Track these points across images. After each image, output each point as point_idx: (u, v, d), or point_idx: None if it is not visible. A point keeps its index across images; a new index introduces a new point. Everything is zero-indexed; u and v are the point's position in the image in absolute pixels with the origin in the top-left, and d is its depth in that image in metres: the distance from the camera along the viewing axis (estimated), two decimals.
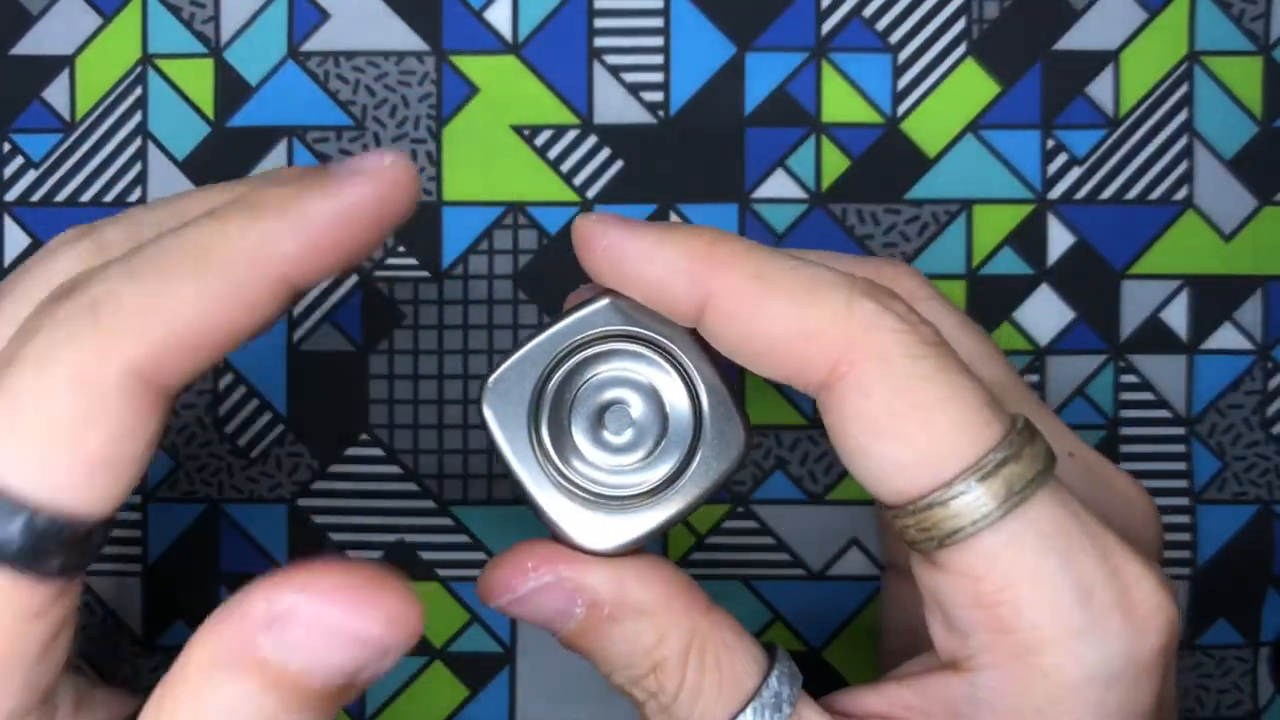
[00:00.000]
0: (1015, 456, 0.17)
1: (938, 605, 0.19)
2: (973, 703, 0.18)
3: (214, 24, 0.29)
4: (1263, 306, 0.29)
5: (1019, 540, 0.17)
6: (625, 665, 0.20)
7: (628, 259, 0.19)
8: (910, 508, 0.18)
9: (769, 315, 0.18)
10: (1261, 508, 0.29)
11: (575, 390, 0.20)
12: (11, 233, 0.29)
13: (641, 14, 0.29)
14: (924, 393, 0.18)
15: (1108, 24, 0.29)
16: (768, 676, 0.19)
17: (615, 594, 0.19)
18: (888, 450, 0.18)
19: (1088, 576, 0.18)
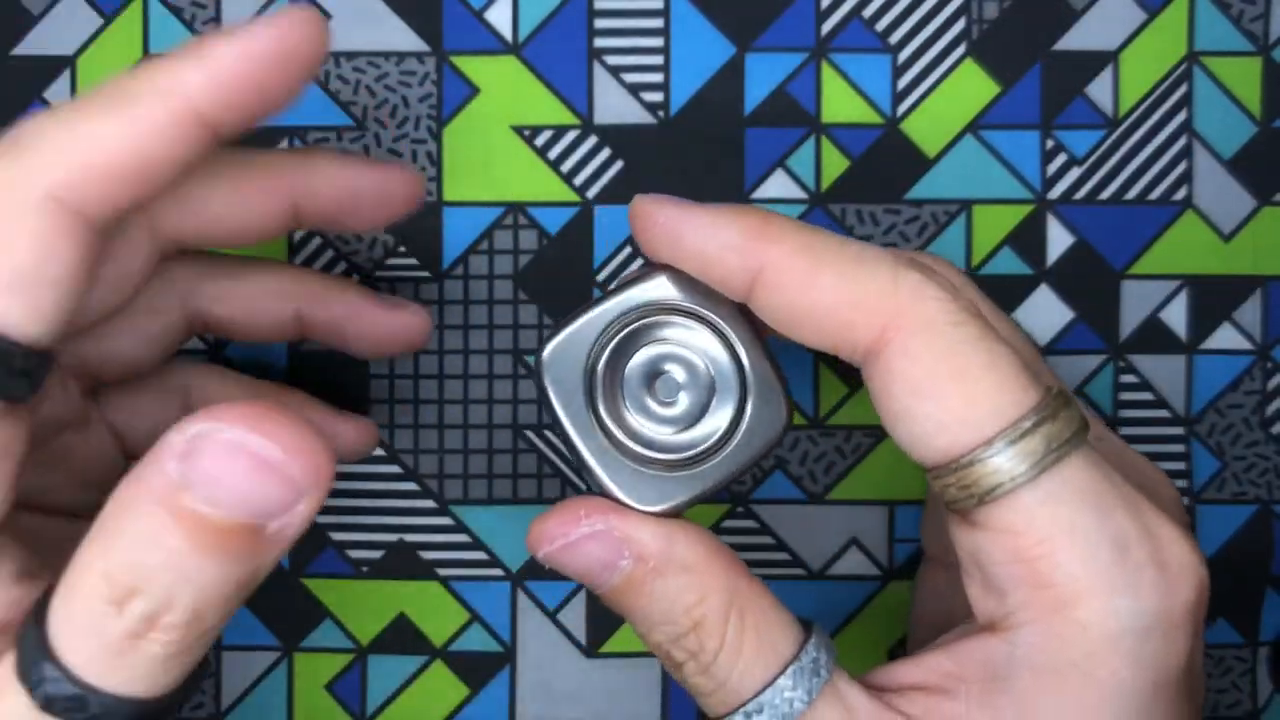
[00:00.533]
0: (1052, 418, 0.18)
1: (976, 565, 0.19)
2: (1010, 661, 0.19)
3: (215, 24, 0.29)
4: (1262, 306, 0.29)
5: (1056, 496, 0.18)
6: (666, 621, 0.20)
7: (686, 234, 0.20)
8: (952, 465, 0.18)
9: (819, 286, 0.19)
10: (1261, 508, 0.29)
11: (628, 359, 0.21)
12: None
13: (641, 14, 0.29)
14: (966, 357, 0.18)
15: (1107, 24, 0.29)
16: (805, 643, 0.20)
17: (662, 548, 0.20)
18: (931, 411, 0.19)
19: (1123, 532, 0.18)
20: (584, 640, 0.29)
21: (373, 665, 0.29)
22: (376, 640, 0.29)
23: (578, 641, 0.29)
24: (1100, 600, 0.18)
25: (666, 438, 0.21)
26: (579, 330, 0.20)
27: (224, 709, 0.29)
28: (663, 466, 0.21)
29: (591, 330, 0.20)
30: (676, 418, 0.21)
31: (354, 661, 0.29)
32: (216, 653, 0.29)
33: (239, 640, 0.29)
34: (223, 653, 0.29)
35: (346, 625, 0.29)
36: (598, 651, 0.29)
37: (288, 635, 0.29)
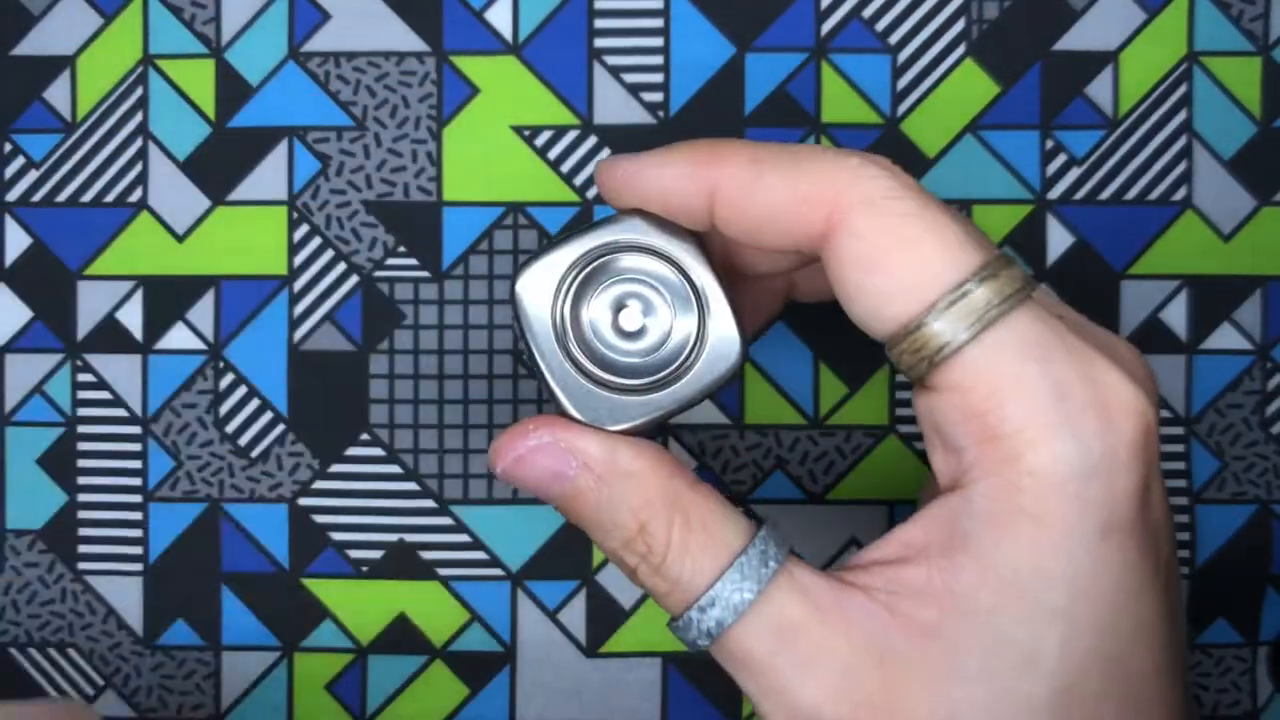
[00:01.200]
0: (993, 277, 0.19)
1: (935, 430, 0.20)
2: (970, 516, 0.19)
3: (215, 24, 0.29)
4: (1262, 306, 0.29)
5: (999, 349, 0.19)
6: (615, 526, 0.21)
7: (642, 174, 0.21)
8: (902, 333, 0.19)
9: (766, 188, 0.20)
10: (1260, 507, 0.29)
11: (596, 289, 0.22)
12: (13, 233, 0.29)
13: (641, 14, 0.29)
14: (908, 228, 0.19)
15: (1107, 24, 0.29)
16: (754, 537, 0.21)
17: (606, 456, 0.21)
18: (879, 283, 0.19)
19: (1064, 378, 0.19)
20: (584, 640, 0.29)
21: (373, 665, 0.29)
22: (376, 640, 0.29)
23: (578, 641, 0.29)
24: (1044, 447, 0.19)
25: (627, 361, 0.22)
26: (552, 260, 0.22)
27: (224, 709, 0.29)
28: (622, 391, 0.22)
29: (563, 261, 0.22)
30: (638, 348, 0.22)
31: (354, 661, 0.29)
32: (216, 653, 0.29)
33: (239, 640, 0.29)
34: (223, 653, 0.29)
35: (346, 625, 0.29)
36: (598, 651, 0.29)
37: (288, 635, 0.29)
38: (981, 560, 0.19)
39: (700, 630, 0.20)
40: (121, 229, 0.29)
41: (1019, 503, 0.19)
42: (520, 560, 0.29)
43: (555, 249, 0.22)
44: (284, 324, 0.29)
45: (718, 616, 0.20)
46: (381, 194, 0.29)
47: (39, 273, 0.29)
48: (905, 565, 0.20)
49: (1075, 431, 0.19)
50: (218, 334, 0.29)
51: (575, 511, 0.22)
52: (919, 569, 0.20)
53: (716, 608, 0.20)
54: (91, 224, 0.29)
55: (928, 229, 0.19)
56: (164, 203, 0.29)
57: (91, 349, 0.29)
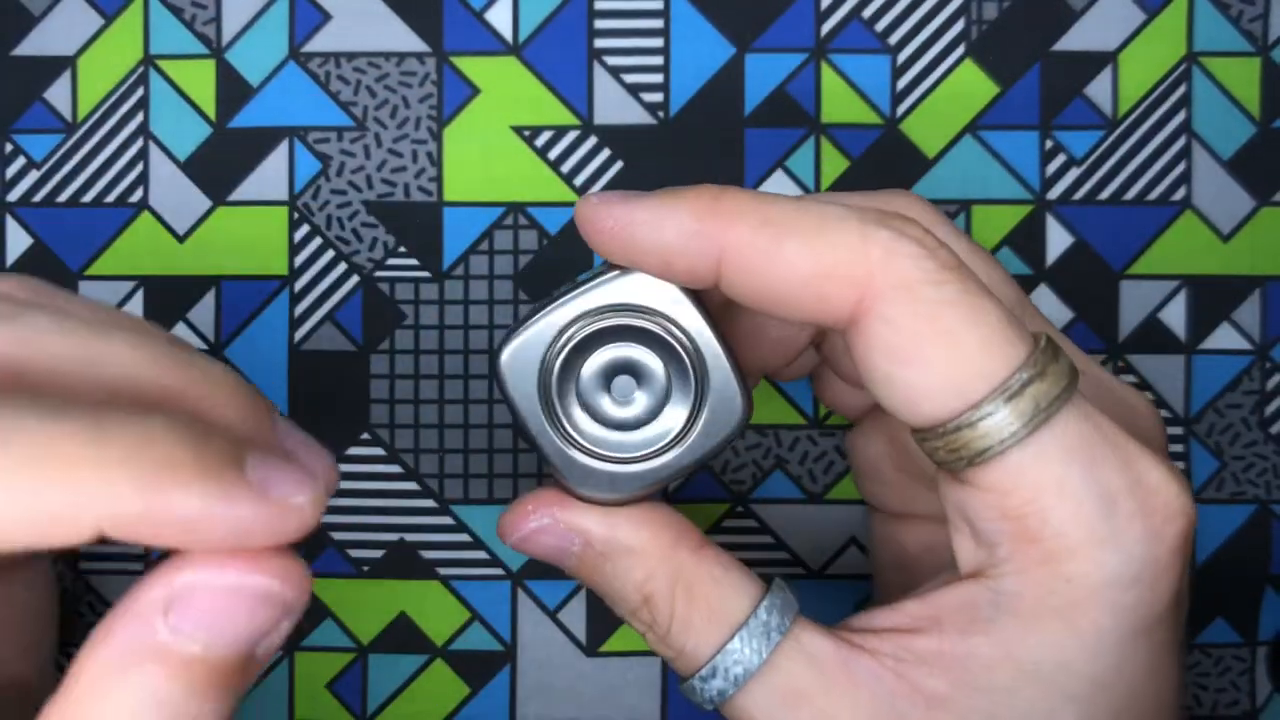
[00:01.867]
0: (1040, 375, 0.18)
1: (964, 520, 0.19)
2: (994, 606, 0.19)
3: (215, 25, 0.29)
4: (1261, 307, 0.29)
5: (1045, 455, 0.18)
6: (620, 598, 0.21)
7: (637, 233, 0.19)
8: (939, 430, 0.18)
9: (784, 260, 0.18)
10: (1259, 507, 0.29)
11: (584, 359, 0.21)
12: (14, 233, 0.29)
13: (641, 14, 0.29)
14: (948, 317, 0.18)
15: (1106, 25, 0.29)
16: (757, 608, 0.20)
17: (606, 534, 0.21)
18: (915, 377, 0.18)
19: (1111, 485, 0.18)
20: (584, 640, 0.29)
21: (373, 664, 0.29)
22: (377, 640, 0.29)
23: (578, 641, 0.29)
24: (1087, 555, 0.18)
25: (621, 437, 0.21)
26: (537, 332, 0.20)
27: None
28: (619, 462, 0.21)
29: (547, 332, 0.20)
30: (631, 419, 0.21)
31: (354, 661, 0.29)
32: None
33: None
34: None
35: (347, 625, 0.29)
36: (598, 651, 0.29)
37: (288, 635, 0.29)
38: (1003, 647, 0.19)
39: (703, 698, 0.21)
40: (122, 229, 0.29)
41: (1051, 603, 0.18)
42: (520, 560, 0.29)
43: (536, 318, 0.20)
44: (284, 324, 0.29)
45: (719, 687, 0.20)
46: (382, 194, 0.29)
47: (40, 273, 0.29)
48: (917, 635, 0.19)
49: (1120, 543, 0.18)
50: (218, 334, 0.29)
51: (586, 582, 0.22)
52: (931, 639, 0.19)
53: (717, 678, 0.20)
54: (92, 224, 0.29)
55: (968, 318, 0.18)
56: (164, 203, 0.29)
57: None
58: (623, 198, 0.19)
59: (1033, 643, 0.18)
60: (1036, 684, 0.19)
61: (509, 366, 0.20)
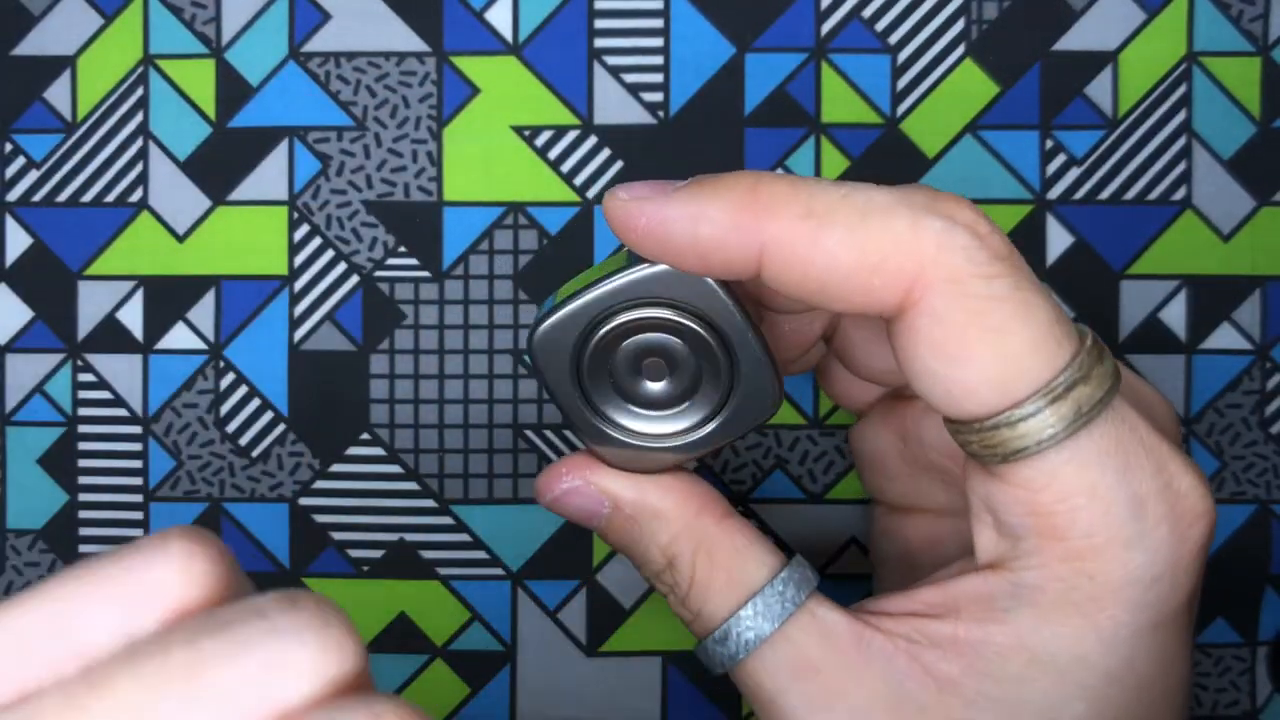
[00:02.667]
0: (1085, 379, 0.17)
1: (989, 511, 0.19)
2: (1012, 597, 0.19)
3: (215, 24, 0.29)
4: (1261, 306, 0.29)
5: (1081, 457, 0.18)
6: (646, 560, 0.22)
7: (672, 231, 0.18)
8: (976, 425, 0.18)
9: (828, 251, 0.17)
10: (1259, 507, 0.29)
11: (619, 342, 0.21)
12: (13, 233, 0.29)
13: (641, 14, 0.29)
14: (997, 314, 0.17)
15: (1106, 24, 0.29)
16: (774, 578, 0.21)
17: (635, 498, 0.22)
18: (959, 374, 0.18)
19: (1142, 489, 0.18)
20: (584, 640, 0.29)
21: (373, 664, 0.29)
22: (377, 639, 0.29)
23: (578, 641, 0.29)
24: (1112, 555, 0.18)
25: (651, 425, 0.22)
26: (567, 317, 0.20)
27: None
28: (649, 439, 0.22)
29: (579, 318, 0.20)
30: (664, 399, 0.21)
31: None
32: None
33: None
34: None
35: None
36: (598, 651, 0.29)
37: None
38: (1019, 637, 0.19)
39: (715, 660, 0.21)
40: (122, 229, 0.29)
41: (1071, 598, 0.18)
42: (520, 560, 0.29)
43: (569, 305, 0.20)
44: (284, 324, 0.29)
45: (730, 651, 0.21)
46: (382, 194, 0.29)
47: (39, 273, 0.29)
48: (932, 620, 0.20)
49: (1146, 545, 0.18)
50: (218, 334, 0.29)
51: (614, 544, 0.23)
52: (946, 625, 0.19)
53: (729, 642, 0.21)
54: (92, 224, 0.29)
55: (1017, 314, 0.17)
56: (164, 203, 0.29)
57: (92, 349, 0.29)
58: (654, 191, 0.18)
59: (1049, 634, 0.19)
60: (1050, 674, 0.19)
61: (541, 349, 0.21)
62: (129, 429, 0.29)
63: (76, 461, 0.29)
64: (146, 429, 0.29)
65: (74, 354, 0.29)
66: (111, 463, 0.29)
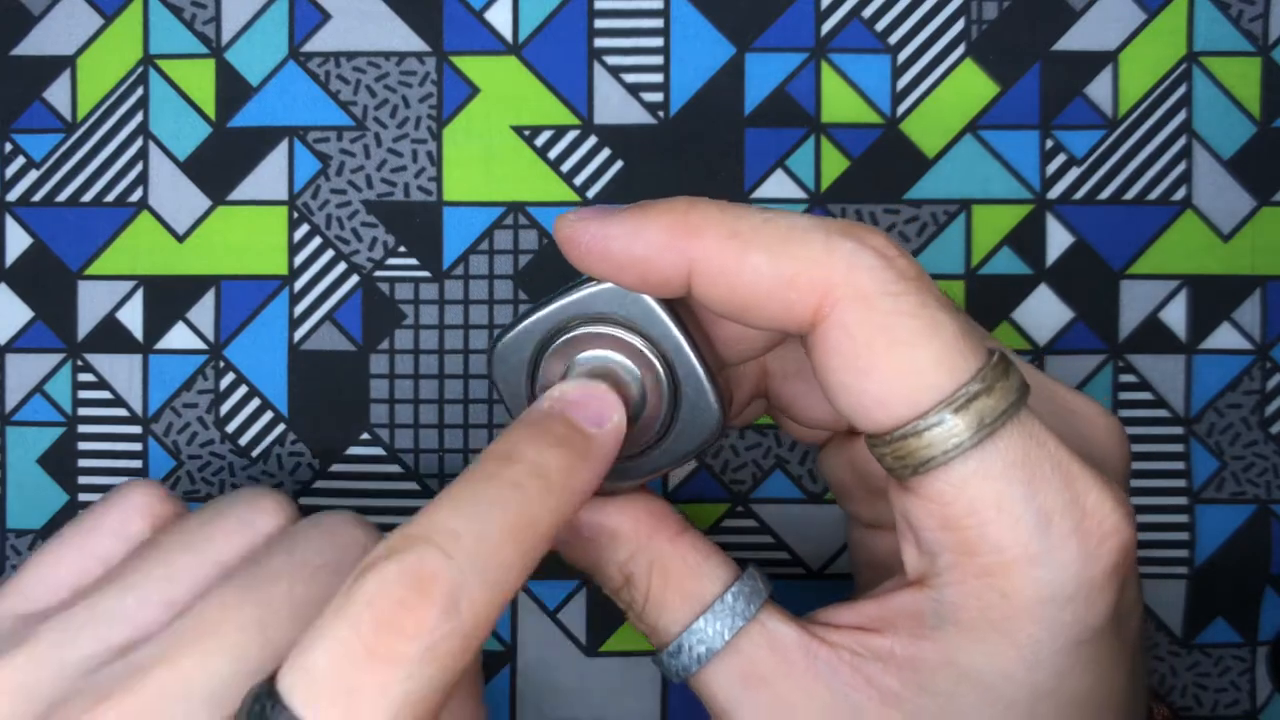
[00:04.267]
0: (988, 390, 0.18)
1: (909, 528, 0.20)
2: (936, 614, 0.19)
3: (215, 24, 0.29)
4: (1261, 306, 0.29)
5: (986, 469, 0.18)
6: (606, 578, 0.22)
7: (612, 248, 0.20)
8: (887, 438, 0.19)
9: (750, 269, 0.19)
10: (1260, 507, 0.29)
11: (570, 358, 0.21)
12: (13, 232, 0.29)
13: (641, 14, 0.29)
14: (903, 329, 0.18)
15: (1107, 24, 0.29)
16: (725, 592, 0.21)
17: (591, 519, 0.22)
18: (867, 386, 0.19)
19: (1049, 504, 0.18)
20: (584, 640, 0.29)
21: None
22: None
23: (578, 641, 0.29)
24: (1021, 571, 0.18)
25: None
26: (525, 330, 0.21)
27: None
28: None
29: (533, 334, 0.21)
30: None
31: None
32: None
33: None
34: None
35: None
36: (598, 651, 0.29)
37: None
38: (947, 655, 0.19)
39: (671, 671, 0.21)
40: (122, 229, 0.29)
41: (989, 616, 0.19)
42: None
43: (525, 320, 0.21)
44: (284, 324, 0.29)
45: (683, 663, 0.21)
46: (382, 194, 0.29)
47: (39, 273, 0.29)
48: (873, 634, 0.20)
49: (1055, 561, 0.18)
50: (218, 334, 0.29)
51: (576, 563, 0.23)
52: (885, 640, 0.20)
53: (682, 655, 0.21)
54: (92, 224, 0.29)
55: (923, 330, 0.18)
56: (164, 203, 0.29)
57: (92, 349, 0.29)
58: (598, 214, 0.20)
59: (973, 651, 0.19)
60: (978, 690, 0.19)
61: (498, 364, 0.22)
62: (129, 429, 0.29)
63: (76, 461, 0.29)
64: (146, 429, 0.29)
65: (74, 354, 0.29)
66: (111, 463, 0.29)
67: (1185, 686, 0.29)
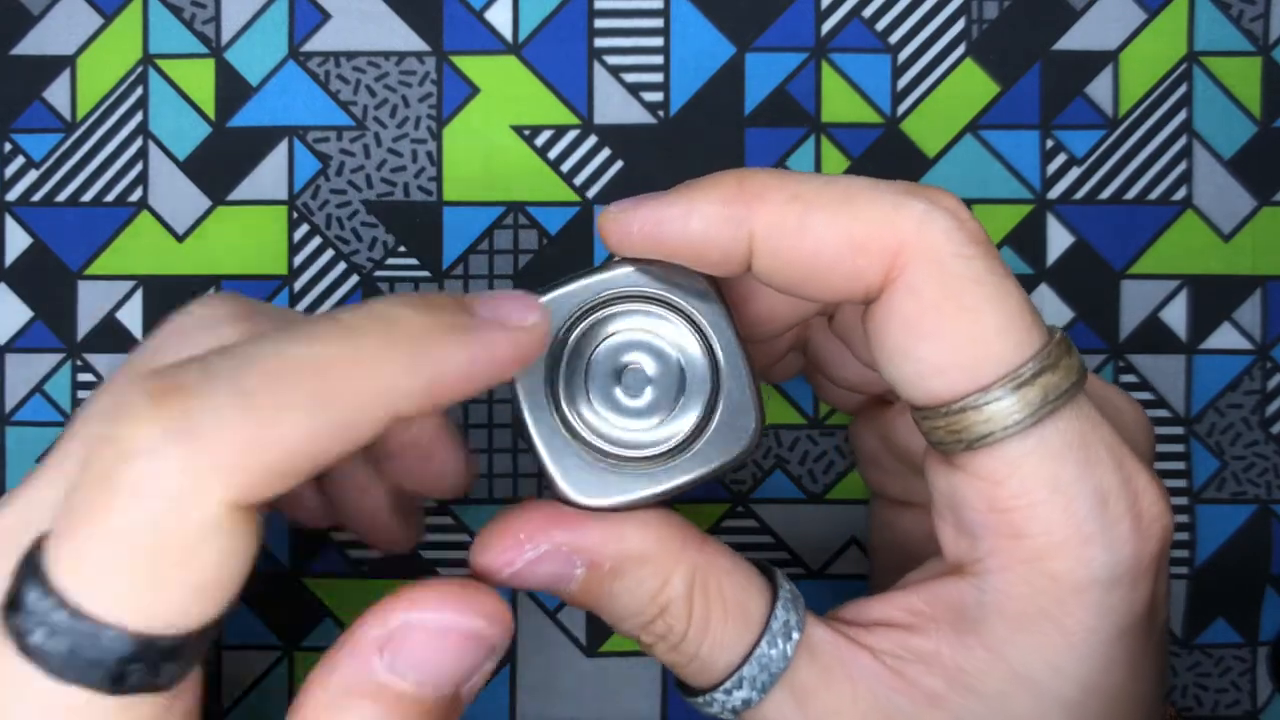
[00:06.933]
0: (1053, 367, 0.18)
1: (950, 508, 0.19)
2: (980, 605, 0.19)
3: (215, 24, 0.29)
4: (1261, 306, 0.29)
5: (1043, 449, 0.18)
6: (633, 614, 0.19)
7: (666, 227, 0.18)
8: (943, 409, 0.18)
9: (815, 233, 0.18)
10: (1260, 507, 0.29)
11: (596, 346, 0.19)
12: (13, 232, 0.29)
13: (641, 14, 0.29)
14: (973, 294, 0.17)
15: (1107, 24, 0.29)
16: (774, 605, 0.19)
17: (615, 549, 0.19)
18: (928, 353, 0.18)
19: (1105, 484, 0.18)
20: (584, 640, 0.29)
21: None
22: None
23: (578, 641, 0.29)
24: (1073, 553, 0.18)
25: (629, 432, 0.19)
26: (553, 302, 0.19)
27: (225, 708, 0.29)
28: (621, 462, 0.19)
29: (561, 311, 0.19)
30: (641, 412, 0.19)
31: None
32: (217, 652, 0.29)
33: (239, 639, 0.29)
34: (223, 653, 0.29)
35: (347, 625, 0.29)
36: (598, 651, 0.29)
37: (288, 635, 0.29)
38: (994, 650, 0.19)
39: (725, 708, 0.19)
40: (121, 229, 0.29)
41: (1038, 603, 0.18)
42: None
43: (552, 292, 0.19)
44: None
45: (744, 697, 0.19)
46: (382, 194, 0.29)
47: (39, 272, 0.29)
48: (913, 633, 0.19)
49: (1108, 541, 0.18)
50: None
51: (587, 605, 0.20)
52: (928, 640, 0.19)
53: (744, 688, 0.19)
54: (91, 224, 0.29)
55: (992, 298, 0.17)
56: (164, 202, 0.29)
57: (91, 349, 0.29)
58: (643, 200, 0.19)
59: (1021, 644, 0.18)
60: (1029, 689, 0.18)
61: None
62: None
63: None
64: None
65: (73, 354, 0.29)
66: None
67: (1186, 687, 0.29)
